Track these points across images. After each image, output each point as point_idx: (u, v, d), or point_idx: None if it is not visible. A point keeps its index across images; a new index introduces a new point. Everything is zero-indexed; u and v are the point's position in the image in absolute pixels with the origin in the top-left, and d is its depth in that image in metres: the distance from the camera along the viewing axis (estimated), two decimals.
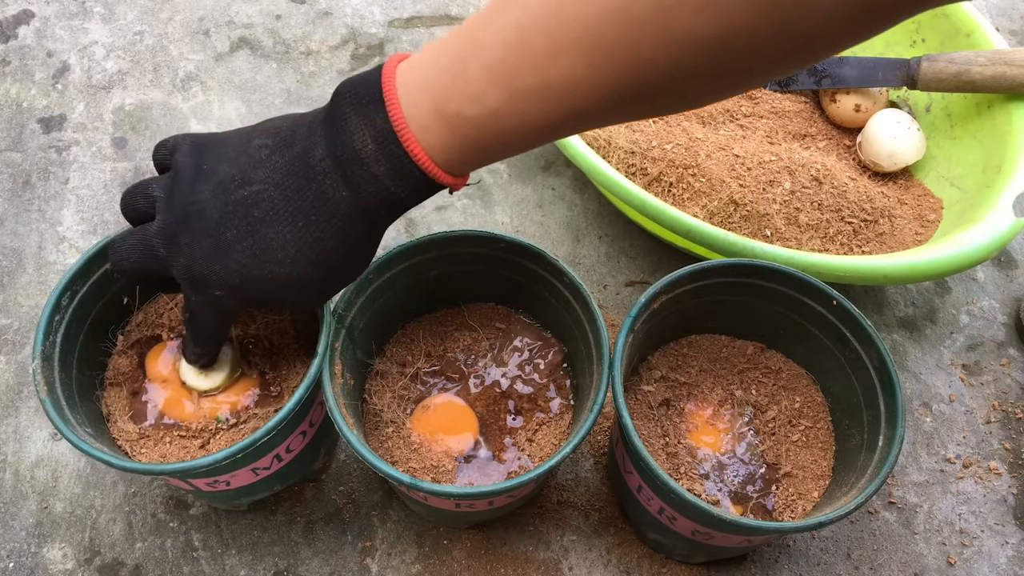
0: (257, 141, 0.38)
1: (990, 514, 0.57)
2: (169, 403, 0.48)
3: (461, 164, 0.36)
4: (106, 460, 0.41)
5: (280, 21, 0.82)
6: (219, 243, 0.38)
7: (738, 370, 0.54)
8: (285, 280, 0.38)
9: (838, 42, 0.30)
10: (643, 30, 0.29)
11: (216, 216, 0.38)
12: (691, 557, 0.52)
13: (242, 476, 0.46)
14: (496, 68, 0.32)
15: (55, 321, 0.45)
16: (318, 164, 0.36)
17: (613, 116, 0.34)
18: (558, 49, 0.31)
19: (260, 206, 0.37)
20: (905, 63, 0.68)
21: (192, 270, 0.39)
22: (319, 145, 0.36)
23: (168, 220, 0.39)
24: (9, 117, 0.73)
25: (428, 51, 0.35)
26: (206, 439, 0.46)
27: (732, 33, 0.29)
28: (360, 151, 0.35)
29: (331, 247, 0.38)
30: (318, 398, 0.47)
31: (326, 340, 0.45)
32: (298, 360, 0.49)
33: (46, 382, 0.44)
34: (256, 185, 0.37)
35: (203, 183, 0.39)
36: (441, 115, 0.34)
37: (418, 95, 0.34)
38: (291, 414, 0.43)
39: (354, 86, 0.36)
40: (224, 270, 0.38)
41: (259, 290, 0.39)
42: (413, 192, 0.37)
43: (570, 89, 0.32)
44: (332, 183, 0.36)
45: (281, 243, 0.37)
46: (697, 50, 0.29)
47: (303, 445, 0.48)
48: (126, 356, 0.49)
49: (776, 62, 0.31)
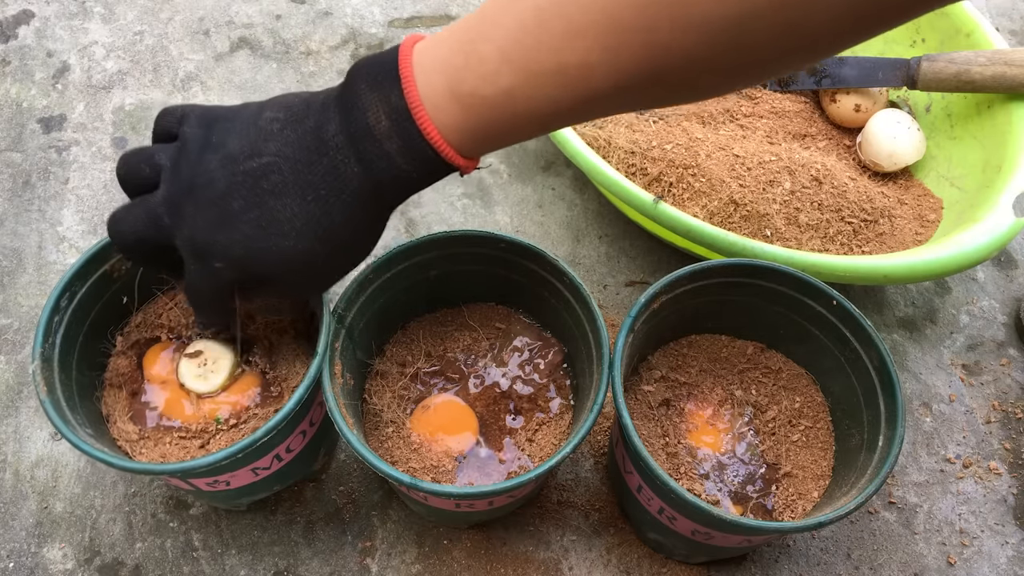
0: (268, 114, 0.38)
1: (990, 514, 0.57)
2: (169, 404, 0.48)
3: (473, 146, 0.36)
4: (107, 460, 0.41)
5: (280, 21, 0.82)
6: (225, 213, 0.38)
7: (738, 370, 0.54)
8: (290, 254, 0.38)
9: (845, 39, 0.31)
10: (660, 13, 0.29)
11: (223, 186, 0.37)
12: (691, 557, 0.52)
13: (242, 476, 0.46)
14: (512, 49, 0.32)
15: (54, 322, 0.45)
16: (331, 139, 0.36)
17: (626, 103, 0.34)
18: (575, 32, 0.31)
19: (269, 178, 0.37)
20: (905, 63, 0.68)
21: (195, 240, 0.38)
22: (332, 120, 0.36)
23: (173, 189, 0.39)
24: (9, 117, 0.73)
25: (444, 32, 0.35)
26: (206, 440, 0.46)
27: (749, 15, 0.29)
28: (374, 127, 0.35)
29: (339, 223, 0.38)
30: (318, 398, 0.47)
31: (326, 340, 0.45)
32: (298, 360, 0.49)
33: (46, 383, 0.44)
34: (266, 157, 0.37)
35: (212, 153, 0.38)
36: (455, 95, 0.34)
37: (433, 75, 0.34)
38: (291, 414, 0.43)
39: (370, 64, 0.36)
40: (228, 240, 0.38)
41: (261, 264, 0.38)
42: (424, 172, 0.37)
43: (585, 73, 0.32)
44: (344, 158, 0.36)
45: (288, 216, 0.37)
46: (713, 34, 0.30)
47: (303, 445, 0.48)
48: (125, 357, 0.49)
49: (790, 49, 0.31)
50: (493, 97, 0.34)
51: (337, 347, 0.46)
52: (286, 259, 0.38)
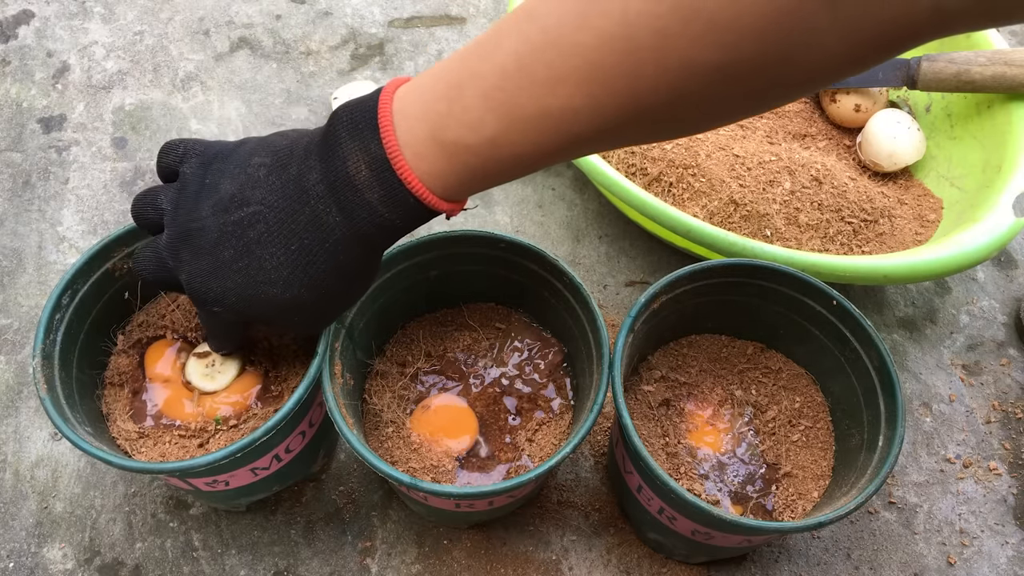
0: (256, 159, 0.38)
1: (990, 514, 0.57)
2: (169, 403, 0.48)
3: (459, 191, 0.36)
4: (106, 459, 0.41)
5: (280, 21, 0.82)
6: (217, 262, 0.38)
7: (738, 370, 0.54)
8: (279, 302, 0.39)
9: (834, 77, 0.30)
10: (644, 59, 0.29)
11: (215, 235, 0.38)
12: (691, 557, 0.52)
13: (241, 476, 0.46)
14: (494, 96, 0.32)
15: (56, 319, 0.45)
16: (312, 188, 0.36)
17: (612, 142, 0.34)
18: (557, 78, 0.31)
19: (256, 227, 0.37)
20: (905, 63, 0.68)
21: (192, 286, 0.40)
22: (314, 169, 0.36)
23: (172, 235, 0.40)
24: (9, 117, 0.73)
25: (426, 76, 0.35)
26: (205, 439, 0.46)
27: (732, 62, 0.28)
28: (354, 177, 0.35)
29: (325, 271, 0.38)
30: (317, 398, 0.47)
31: (326, 341, 0.45)
32: (297, 360, 0.49)
33: (46, 380, 0.44)
34: (253, 206, 0.37)
35: (205, 199, 0.39)
36: (438, 142, 0.34)
37: (415, 122, 0.34)
38: (291, 414, 0.43)
39: (351, 110, 0.36)
40: (221, 288, 0.39)
41: (255, 310, 0.39)
42: (408, 218, 0.36)
43: (569, 117, 0.32)
44: (325, 208, 0.36)
45: (275, 264, 0.38)
46: (697, 79, 0.29)
47: (302, 445, 0.48)
48: (127, 356, 0.49)
49: (776, 93, 0.31)
50: (477, 145, 0.33)
51: (337, 347, 0.46)
52: (277, 306, 0.39)
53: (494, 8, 0.85)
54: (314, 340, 0.45)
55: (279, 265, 0.38)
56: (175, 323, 0.50)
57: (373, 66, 0.79)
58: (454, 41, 0.82)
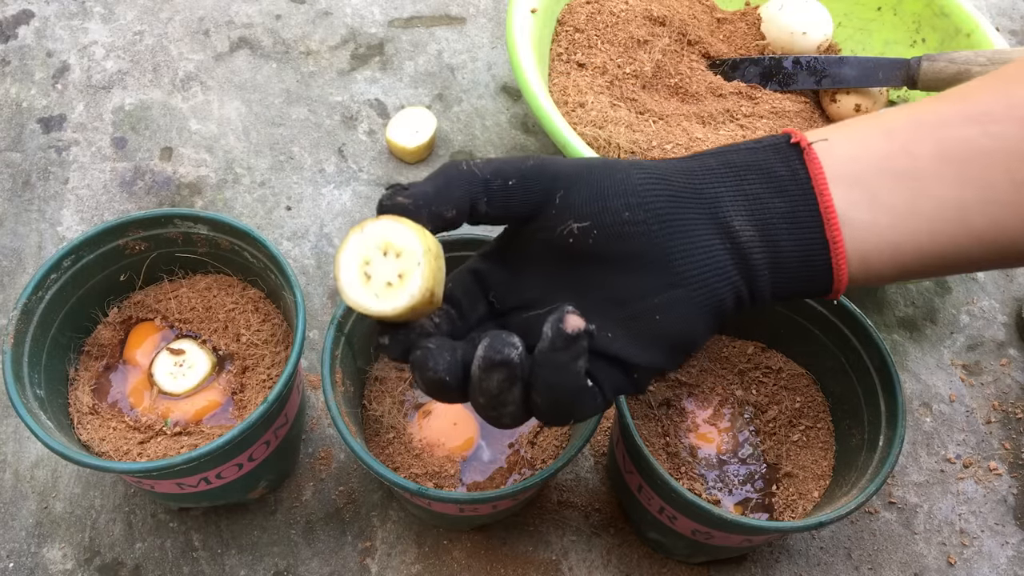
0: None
1: (990, 514, 0.57)
2: (134, 389, 0.48)
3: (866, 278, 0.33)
4: (26, 423, 0.41)
5: (280, 21, 0.82)
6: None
7: (738, 370, 0.54)
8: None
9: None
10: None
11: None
12: (691, 557, 0.52)
13: (165, 486, 0.46)
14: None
15: (50, 279, 0.45)
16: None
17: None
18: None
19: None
20: (905, 63, 0.67)
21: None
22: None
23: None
24: (9, 117, 0.73)
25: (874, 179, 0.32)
26: (148, 437, 0.46)
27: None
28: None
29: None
30: (264, 436, 0.46)
31: (288, 373, 0.43)
32: (266, 389, 0.48)
33: (16, 335, 0.43)
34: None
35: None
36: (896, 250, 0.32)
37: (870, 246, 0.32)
38: (227, 445, 0.42)
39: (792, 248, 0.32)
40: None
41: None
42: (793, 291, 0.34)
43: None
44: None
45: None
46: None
47: (237, 475, 0.47)
48: (112, 329, 0.49)
49: None
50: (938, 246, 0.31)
51: (337, 355, 0.45)
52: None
53: (494, 8, 0.84)
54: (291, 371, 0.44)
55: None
56: (170, 312, 0.50)
57: (373, 66, 0.79)
58: (454, 41, 0.81)
